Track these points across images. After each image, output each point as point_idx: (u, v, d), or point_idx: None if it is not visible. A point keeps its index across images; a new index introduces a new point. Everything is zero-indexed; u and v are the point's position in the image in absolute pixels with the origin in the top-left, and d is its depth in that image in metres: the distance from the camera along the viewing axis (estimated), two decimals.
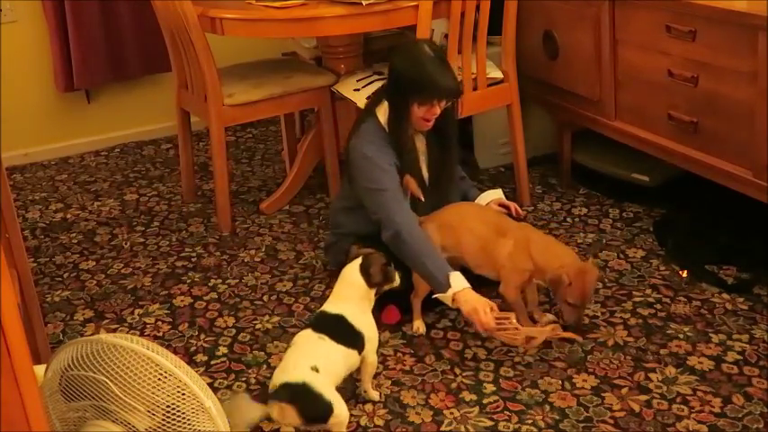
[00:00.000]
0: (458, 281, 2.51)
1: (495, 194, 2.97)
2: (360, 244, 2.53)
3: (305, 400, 2.15)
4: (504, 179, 3.76)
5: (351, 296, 2.39)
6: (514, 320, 2.50)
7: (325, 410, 2.17)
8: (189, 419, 1.83)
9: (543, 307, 2.79)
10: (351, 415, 2.37)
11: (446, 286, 2.50)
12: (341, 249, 2.82)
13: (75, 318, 2.92)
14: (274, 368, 2.56)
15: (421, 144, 2.81)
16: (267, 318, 2.86)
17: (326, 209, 3.52)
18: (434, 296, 2.56)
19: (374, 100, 2.83)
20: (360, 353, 2.34)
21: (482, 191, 3.00)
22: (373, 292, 2.41)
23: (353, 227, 2.83)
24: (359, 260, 2.40)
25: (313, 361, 2.20)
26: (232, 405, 2.17)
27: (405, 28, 3.50)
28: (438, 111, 2.68)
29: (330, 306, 2.40)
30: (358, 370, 2.39)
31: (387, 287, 2.44)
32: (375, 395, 2.44)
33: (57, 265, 3.27)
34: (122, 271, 3.20)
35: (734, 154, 2.80)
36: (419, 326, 2.73)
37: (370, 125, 2.76)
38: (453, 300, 2.50)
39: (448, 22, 3.16)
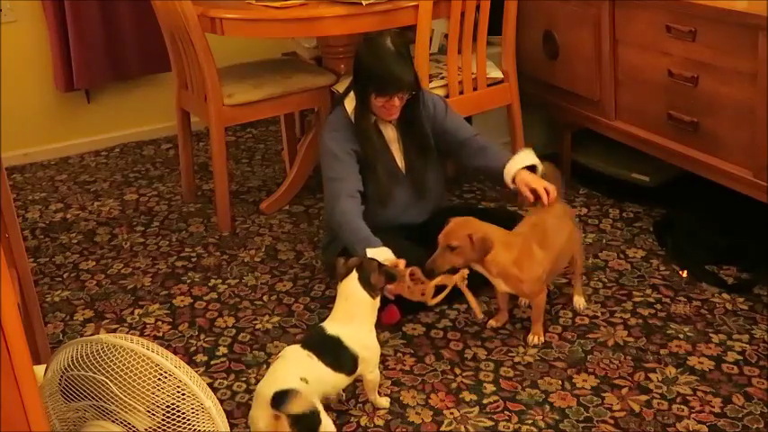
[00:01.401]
0: (377, 254, 2.49)
1: (526, 161, 2.74)
2: (345, 258, 2.42)
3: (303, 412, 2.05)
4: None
5: (355, 313, 2.30)
6: (407, 278, 2.42)
7: (314, 422, 2.09)
8: (189, 419, 1.83)
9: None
10: (350, 415, 2.38)
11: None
12: (337, 248, 2.82)
13: (75, 318, 2.92)
14: None
15: (392, 132, 2.84)
16: (267, 318, 2.86)
17: None
18: None
19: (344, 91, 2.88)
20: (349, 375, 2.28)
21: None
22: (378, 299, 2.35)
23: None
24: (355, 273, 2.31)
25: (303, 373, 2.15)
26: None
27: (405, 28, 3.50)
28: (397, 103, 2.71)
29: (330, 325, 2.31)
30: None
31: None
32: (383, 402, 2.40)
33: (57, 265, 3.27)
34: (122, 271, 3.20)
35: (734, 154, 2.80)
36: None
37: (335, 115, 2.84)
38: None
39: (448, 22, 3.16)
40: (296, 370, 2.16)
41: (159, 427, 1.83)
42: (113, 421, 1.83)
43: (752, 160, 2.73)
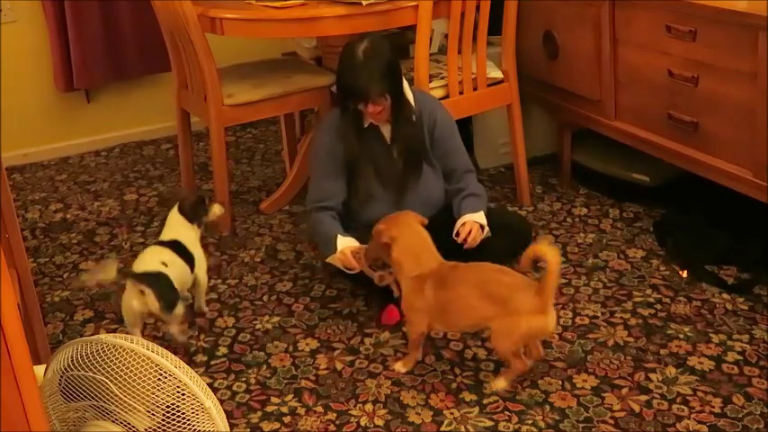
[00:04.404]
0: (342, 243, 2.71)
1: (478, 218, 2.80)
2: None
3: (162, 286, 2.51)
4: (504, 179, 3.77)
5: (180, 231, 2.76)
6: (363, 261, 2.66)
7: (174, 299, 2.53)
8: (189, 419, 1.83)
9: None
10: (350, 415, 2.38)
11: (333, 249, 2.72)
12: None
13: (75, 318, 2.92)
14: (275, 368, 2.59)
15: (387, 132, 2.82)
16: (267, 318, 2.86)
17: None
18: (326, 260, 2.81)
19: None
20: (192, 271, 2.73)
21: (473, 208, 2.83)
22: (197, 226, 2.80)
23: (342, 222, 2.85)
24: (176, 204, 2.81)
25: (163, 258, 2.60)
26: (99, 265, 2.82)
27: (405, 28, 3.50)
28: (371, 109, 2.68)
29: (165, 237, 2.77)
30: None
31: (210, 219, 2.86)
32: (206, 309, 2.88)
33: (57, 265, 3.27)
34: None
35: (734, 154, 2.80)
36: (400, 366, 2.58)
37: (330, 114, 2.89)
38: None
39: (448, 22, 3.16)
40: (158, 256, 2.61)
41: (159, 427, 1.83)
42: (113, 421, 1.83)
43: (752, 160, 2.73)
